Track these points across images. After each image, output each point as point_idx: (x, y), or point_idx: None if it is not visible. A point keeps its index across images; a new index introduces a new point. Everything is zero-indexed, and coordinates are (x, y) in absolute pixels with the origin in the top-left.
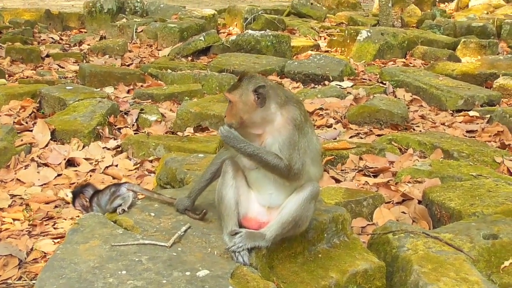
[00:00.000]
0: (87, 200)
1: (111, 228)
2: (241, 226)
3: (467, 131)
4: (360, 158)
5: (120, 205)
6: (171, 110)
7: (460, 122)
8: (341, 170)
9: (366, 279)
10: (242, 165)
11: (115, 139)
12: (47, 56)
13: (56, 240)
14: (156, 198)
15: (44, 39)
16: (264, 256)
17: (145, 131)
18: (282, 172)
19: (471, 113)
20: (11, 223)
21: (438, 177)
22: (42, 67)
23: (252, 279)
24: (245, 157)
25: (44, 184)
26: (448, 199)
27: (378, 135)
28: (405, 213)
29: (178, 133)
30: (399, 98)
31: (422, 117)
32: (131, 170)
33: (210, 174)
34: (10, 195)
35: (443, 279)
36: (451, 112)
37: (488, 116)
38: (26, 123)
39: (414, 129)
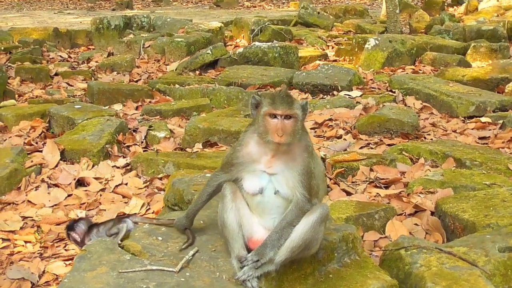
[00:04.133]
0: (76, 236)
1: (119, 254)
2: (247, 248)
3: (479, 138)
4: (371, 170)
5: (117, 233)
6: (179, 126)
7: (472, 129)
8: (352, 182)
9: None
10: (243, 190)
11: (124, 157)
12: (56, 74)
13: (67, 262)
14: (156, 223)
15: (53, 58)
16: (273, 279)
17: (154, 148)
18: (305, 209)
19: (483, 119)
20: (23, 245)
21: (451, 187)
22: (51, 86)
23: None
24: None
25: (55, 205)
26: (462, 210)
27: (389, 145)
28: (418, 225)
29: (187, 149)
30: (409, 106)
31: (433, 125)
32: (141, 188)
33: (206, 196)
34: (21, 217)
35: None
36: (463, 118)
37: (501, 121)
38: (36, 143)
39: (425, 138)
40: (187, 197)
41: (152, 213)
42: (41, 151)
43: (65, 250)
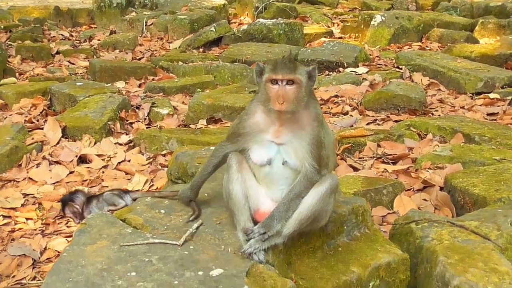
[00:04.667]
0: (77, 206)
1: (120, 227)
2: (254, 220)
3: (488, 114)
4: (378, 145)
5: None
6: (183, 102)
7: (480, 105)
8: (359, 158)
9: (390, 272)
10: (250, 160)
11: (127, 134)
12: (57, 53)
13: (69, 239)
14: (159, 196)
15: (54, 36)
16: (281, 252)
17: (157, 125)
18: (314, 180)
19: (491, 95)
20: (24, 222)
21: (460, 163)
22: (52, 64)
23: (269, 277)
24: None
25: (57, 182)
26: (472, 185)
27: (396, 121)
28: (426, 200)
29: (191, 125)
30: (416, 83)
31: (441, 101)
32: (144, 165)
33: (212, 167)
34: (22, 194)
35: (471, 270)
36: (471, 95)
37: (509, 98)
38: (37, 121)
39: (432, 114)
40: (190, 170)
41: (156, 189)
42: (42, 129)
43: (67, 226)
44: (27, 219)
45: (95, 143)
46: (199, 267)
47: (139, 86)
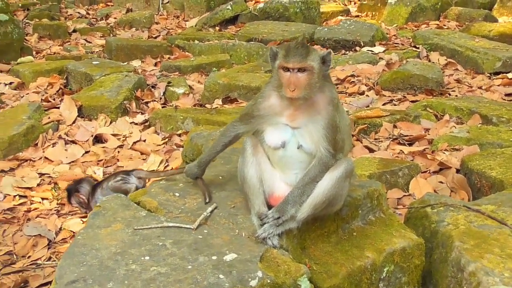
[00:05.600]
0: (83, 196)
1: (134, 210)
2: (268, 204)
3: (506, 95)
4: (394, 126)
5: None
6: (199, 82)
7: (498, 85)
8: (375, 139)
9: (405, 257)
10: (265, 143)
11: (142, 113)
12: (74, 31)
13: (84, 219)
14: (164, 176)
15: (71, 14)
16: (295, 237)
17: (172, 105)
18: (329, 164)
19: (510, 75)
20: (40, 202)
21: (477, 144)
22: (69, 43)
23: (283, 262)
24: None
25: (72, 161)
26: (489, 168)
27: (413, 101)
28: (442, 183)
29: (207, 105)
30: (433, 62)
31: (458, 81)
32: (159, 145)
33: (222, 146)
34: (38, 173)
35: (487, 256)
36: (489, 75)
37: None
38: (54, 100)
39: (449, 94)
40: None
41: (182, 168)
42: (58, 108)
43: None
44: (42, 199)
45: (110, 123)
46: (213, 252)
47: (155, 65)
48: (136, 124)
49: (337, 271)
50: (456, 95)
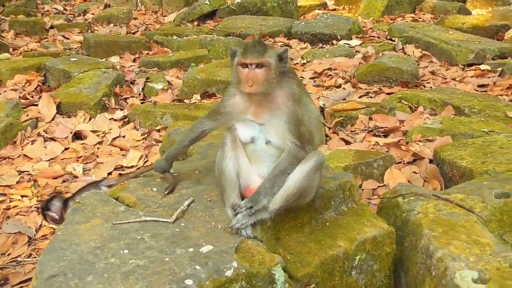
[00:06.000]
0: (54, 214)
1: (113, 205)
2: (243, 197)
3: (479, 86)
4: (370, 118)
5: None
6: (177, 77)
7: (471, 77)
8: (351, 131)
9: (376, 245)
10: (239, 138)
11: (121, 109)
12: (51, 27)
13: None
14: (134, 175)
15: (48, 10)
16: (269, 228)
17: (151, 100)
18: (299, 157)
19: (482, 66)
20: (19, 200)
21: (449, 135)
22: (46, 39)
23: (258, 252)
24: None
25: (52, 159)
26: (459, 158)
27: (388, 94)
28: (416, 173)
29: (185, 100)
30: (408, 55)
31: (433, 73)
32: (139, 141)
33: (189, 141)
34: (18, 171)
35: (454, 243)
36: (462, 66)
37: (500, 69)
38: (32, 97)
39: (424, 86)
40: None
41: (150, 164)
42: (36, 105)
43: None
44: (22, 196)
45: (90, 119)
46: (190, 244)
47: (134, 60)
48: (115, 120)
49: (311, 260)
50: (431, 87)
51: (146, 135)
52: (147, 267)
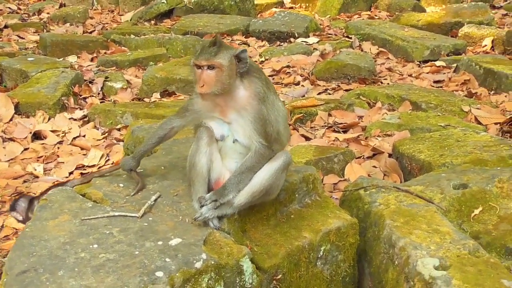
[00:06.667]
0: (18, 215)
1: (80, 202)
2: (211, 190)
3: (434, 82)
4: (329, 115)
5: None
6: (136, 76)
7: (427, 73)
8: (311, 128)
9: (340, 236)
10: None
11: (81, 109)
12: (5, 27)
13: None
14: (99, 175)
15: (1, 10)
16: (236, 221)
17: (111, 99)
18: (266, 156)
19: (438, 63)
20: None
21: (407, 129)
22: (1, 39)
23: (225, 244)
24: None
25: (11, 159)
26: (418, 151)
27: (346, 90)
28: (376, 167)
29: (145, 99)
30: (365, 52)
31: (389, 69)
32: (99, 140)
33: (157, 138)
34: None
35: (415, 232)
36: (418, 63)
37: (455, 65)
38: None
39: (381, 82)
40: None
41: (112, 163)
42: None
43: None
44: None
45: (49, 119)
46: (158, 237)
47: (92, 60)
48: (75, 120)
49: (277, 251)
50: (388, 83)
51: (106, 134)
52: (117, 261)
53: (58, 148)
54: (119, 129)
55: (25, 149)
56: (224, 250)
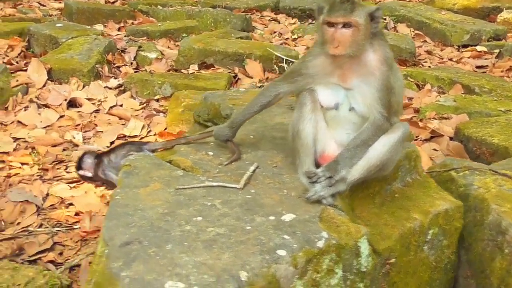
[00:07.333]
0: (88, 173)
1: (169, 169)
2: (317, 164)
3: (477, 67)
4: None
5: None
6: (168, 47)
7: (468, 58)
8: None
9: (447, 220)
10: (318, 100)
11: (115, 78)
12: None
13: (72, 185)
14: (186, 142)
15: None
16: (346, 197)
17: (145, 69)
18: (383, 129)
19: (479, 48)
20: (20, 167)
21: (466, 113)
22: (21, 5)
23: (342, 222)
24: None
25: (48, 126)
26: (489, 135)
27: None
28: (437, 150)
29: (182, 70)
30: (404, 34)
31: (429, 52)
32: (137, 110)
33: (260, 106)
34: (13, 138)
35: None
36: (457, 47)
37: (497, 51)
38: (17, 63)
39: (422, 65)
40: (224, 112)
41: (154, 135)
42: (25, 71)
43: (67, 172)
44: (22, 164)
45: (83, 87)
46: (267, 212)
47: (119, 29)
48: (110, 88)
49: (390, 233)
50: (429, 66)
51: (144, 104)
52: (229, 236)
53: (95, 117)
54: (157, 100)
55: (61, 117)
56: (341, 228)
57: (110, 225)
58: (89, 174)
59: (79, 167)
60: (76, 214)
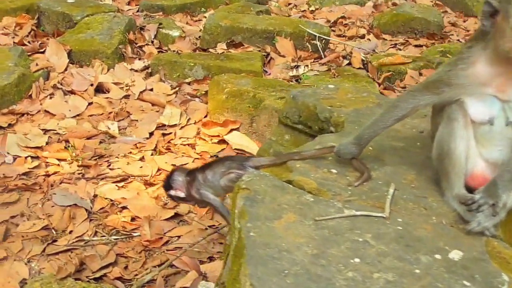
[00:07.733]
0: (181, 190)
1: (294, 193)
2: (465, 184)
3: None
4: (420, 74)
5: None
6: (187, 23)
7: None
8: (402, 88)
9: None
10: (468, 114)
11: (139, 59)
12: None
13: (119, 184)
14: (300, 158)
15: None
16: (502, 225)
17: (169, 49)
18: None
19: None
20: (58, 165)
21: None
22: None
23: (510, 257)
24: None
25: (77, 115)
26: None
27: (416, 46)
28: None
29: (210, 50)
30: (426, 5)
31: (453, 24)
32: (170, 95)
33: (394, 120)
34: (42, 130)
35: None
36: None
37: None
38: (29, 43)
39: (450, 39)
40: (323, 115)
41: (194, 123)
42: (42, 53)
43: (110, 169)
44: (59, 160)
45: (108, 70)
46: (430, 248)
47: (128, 3)
48: (136, 71)
49: None
50: (458, 40)
51: (176, 88)
52: (401, 284)
53: (125, 103)
54: (189, 83)
55: (89, 104)
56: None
57: (258, 274)
58: (182, 195)
59: (168, 186)
60: (132, 219)
